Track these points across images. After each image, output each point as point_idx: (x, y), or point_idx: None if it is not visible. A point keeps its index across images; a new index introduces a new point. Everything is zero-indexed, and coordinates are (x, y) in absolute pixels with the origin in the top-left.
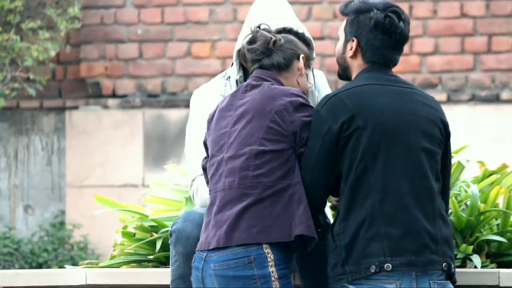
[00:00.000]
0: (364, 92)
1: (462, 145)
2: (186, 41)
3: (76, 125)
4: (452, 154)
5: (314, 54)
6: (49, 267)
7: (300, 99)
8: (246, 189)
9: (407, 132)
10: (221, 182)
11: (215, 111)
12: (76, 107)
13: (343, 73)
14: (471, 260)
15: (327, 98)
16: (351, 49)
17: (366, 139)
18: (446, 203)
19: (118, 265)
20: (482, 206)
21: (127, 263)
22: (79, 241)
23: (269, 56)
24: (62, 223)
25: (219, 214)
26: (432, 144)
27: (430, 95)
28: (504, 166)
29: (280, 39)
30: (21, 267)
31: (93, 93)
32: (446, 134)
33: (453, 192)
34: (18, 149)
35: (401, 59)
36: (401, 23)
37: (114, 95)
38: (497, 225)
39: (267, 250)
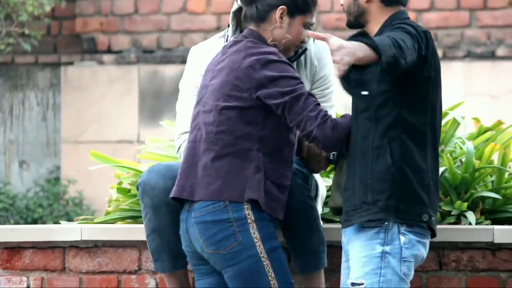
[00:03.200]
0: (433, 42)
1: (457, 102)
2: None
3: (71, 81)
4: (447, 111)
5: (313, 18)
6: (44, 222)
7: (269, 56)
8: (209, 143)
9: (440, 91)
10: (193, 134)
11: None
12: (71, 63)
13: (356, 21)
14: (465, 217)
15: (425, 30)
16: None
17: (431, 89)
18: None
19: (113, 221)
20: (477, 163)
21: (122, 219)
22: (74, 197)
23: (250, 5)
24: (57, 179)
25: (186, 164)
26: None
27: None
28: (499, 123)
29: None
30: (16, 223)
31: (88, 48)
32: None
33: (448, 148)
34: (13, 105)
35: None
36: None
37: (109, 51)
38: (492, 181)
39: (246, 206)
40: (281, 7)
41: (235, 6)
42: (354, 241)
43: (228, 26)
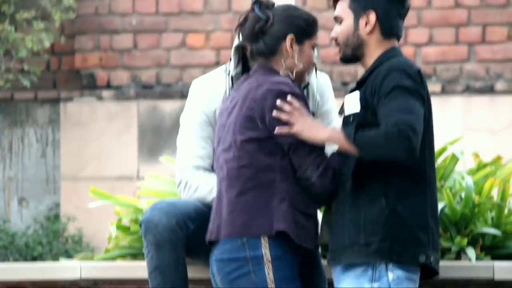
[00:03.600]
0: (425, 80)
1: (456, 137)
2: (181, 31)
3: (71, 117)
4: (446, 146)
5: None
6: (43, 260)
7: (281, 87)
8: (231, 180)
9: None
10: (219, 175)
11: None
12: (70, 99)
13: (353, 53)
14: (465, 253)
15: (416, 70)
16: (366, 24)
17: (427, 127)
18: None
19: (113, 258)
20: (476, 198)
21: (122, 256)
22: (74, 234)
23: (256, 42)
24: (56, 216)
25: (215, 206)
26: None
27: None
28: (499, 158)
29: (268, 20)
30: (16, 260)
31: (87, 84)
32: None
33: (447, 184)
34: (12, 141)
35: None
36: None
37: (108, 86)
38: (492, 217)
39: (264, 240)
40: (289, 36)
41: (237, 41)
42: (343, 280)
43: (230, 60)
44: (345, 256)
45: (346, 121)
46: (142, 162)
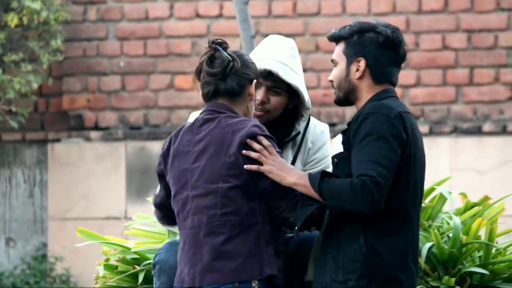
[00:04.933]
0: (410, 120)
1: (444, 177)
2: (169, 73)
3: (59, 158)
4: (434, 186)
5: (309, 103)
6: None
7: (255, 130)
8: (215, 227)
9: (424, 163)
10: (189, 220)
11: (169, 146)
12: (58, 140)
13: (345, 97)
14: None
15: (396, 112)
16: (357, 70)
17: (412, 166)
18: None
19: None
20: (464, 238)
21: None
22: (61, 274)
23: (224, 81)
24: (44, 256)
25: (190, 252)
26: None
27: None
28: (486, 198)
29: (236, 62)
30: None
31: (75, 125)
32: None
33: (435, 224)
34: (0, 182)
35: None
36: (404, 40)
37: (96, 128)
38: (479, 257)
39: (254, 284)
40: (255, 81)
41: None
42: None
43: None
44: None
45: (333, 162)
46: (130, 202)
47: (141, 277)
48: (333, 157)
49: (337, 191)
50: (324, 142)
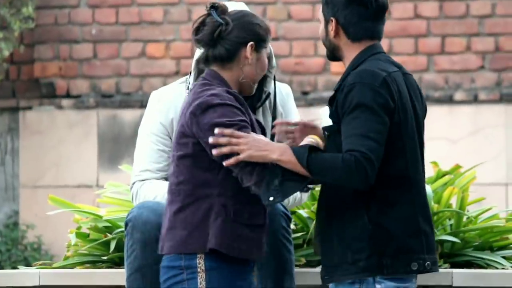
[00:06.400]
0: (397, 81)
1: None
2: (141, 41)
3: (30, 125)
4: None
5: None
6: (2, 268)
7: (211, 100)
8: (173, 195)
9: (420, 124)
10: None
11: None
12: (30, 107)
13: (332, 54)
14: None
15: (381, 78)
16: (332, 29)
17: (404, 132)
18: None
19: (72, 266)
20: (435, 207)
21: (81, 264)
22: (33, 242)
23: (214, 47)
24: (15, 224)
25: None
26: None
27: None
28: (457, 167)
29: (227, 25)
30: None
31: (47, 93)
32: None
33: None
34: None
35: None
36: None
37: (68, 95)
38: (451, 225)
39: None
40: (250, 43)
41: (197, 54)
42: None
43: (190, 73)
44: (337, 275)
45: (324, 135)
46: (101, 170)
47: (113, 245)
48: (324, 129)
49: (329, 166)
50: (292, 103)
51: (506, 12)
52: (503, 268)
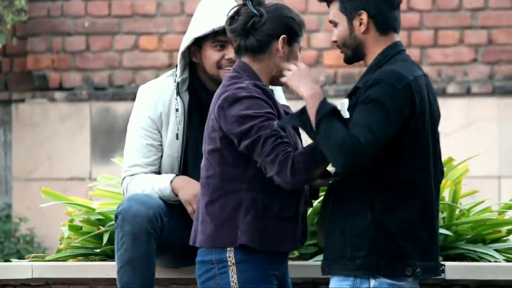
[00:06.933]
0: (420, 86)
1: None
2: (134, 34)
3: (23, 118)
4: None
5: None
6: None
7: (238, 93)
8: (203, 188)
9: (435, 129)
10: None
11: None
12: (22, 100)
13: (354, 54)
14: None
15: (405, 83)
16: (360, 24)
17: (421, 137)
18: None
19: (65, 259)
20: None
21: (74, 256)
22: (26, 235)
23: (246, 37)
24: (8, 216)
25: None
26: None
27: None
28: (450, 160)
29: (262, 16)
30: None
31: (39, 85)
32: None
33: None
34: None
35: None
36: None
37: (61, 88)
38: (443, 218)
39: (229, 251)
40: (282, 36)
41: (183, 47)
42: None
43: (176, 66)
44: (335, 268)
45: None
46: (94, 163)
47: (105, 238)
48: None
49: (329, 135)
50: (280, 93)
51: (498, 5)
52: (495, 261)
